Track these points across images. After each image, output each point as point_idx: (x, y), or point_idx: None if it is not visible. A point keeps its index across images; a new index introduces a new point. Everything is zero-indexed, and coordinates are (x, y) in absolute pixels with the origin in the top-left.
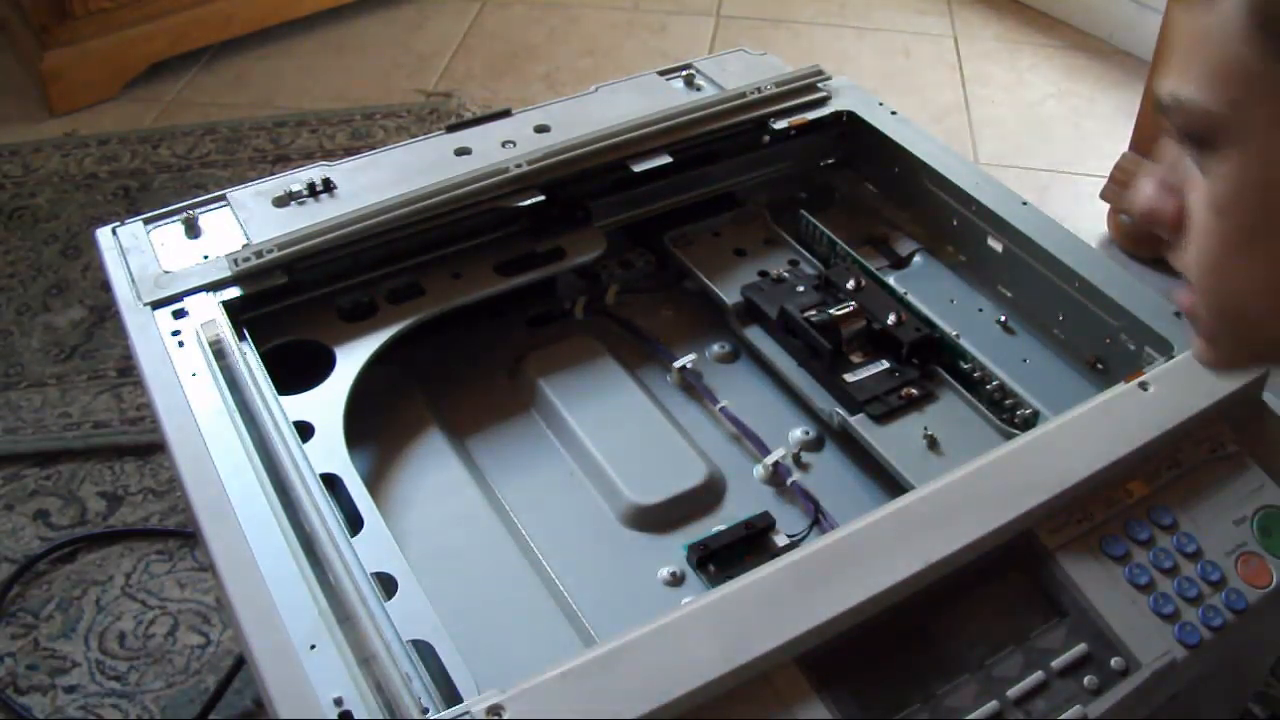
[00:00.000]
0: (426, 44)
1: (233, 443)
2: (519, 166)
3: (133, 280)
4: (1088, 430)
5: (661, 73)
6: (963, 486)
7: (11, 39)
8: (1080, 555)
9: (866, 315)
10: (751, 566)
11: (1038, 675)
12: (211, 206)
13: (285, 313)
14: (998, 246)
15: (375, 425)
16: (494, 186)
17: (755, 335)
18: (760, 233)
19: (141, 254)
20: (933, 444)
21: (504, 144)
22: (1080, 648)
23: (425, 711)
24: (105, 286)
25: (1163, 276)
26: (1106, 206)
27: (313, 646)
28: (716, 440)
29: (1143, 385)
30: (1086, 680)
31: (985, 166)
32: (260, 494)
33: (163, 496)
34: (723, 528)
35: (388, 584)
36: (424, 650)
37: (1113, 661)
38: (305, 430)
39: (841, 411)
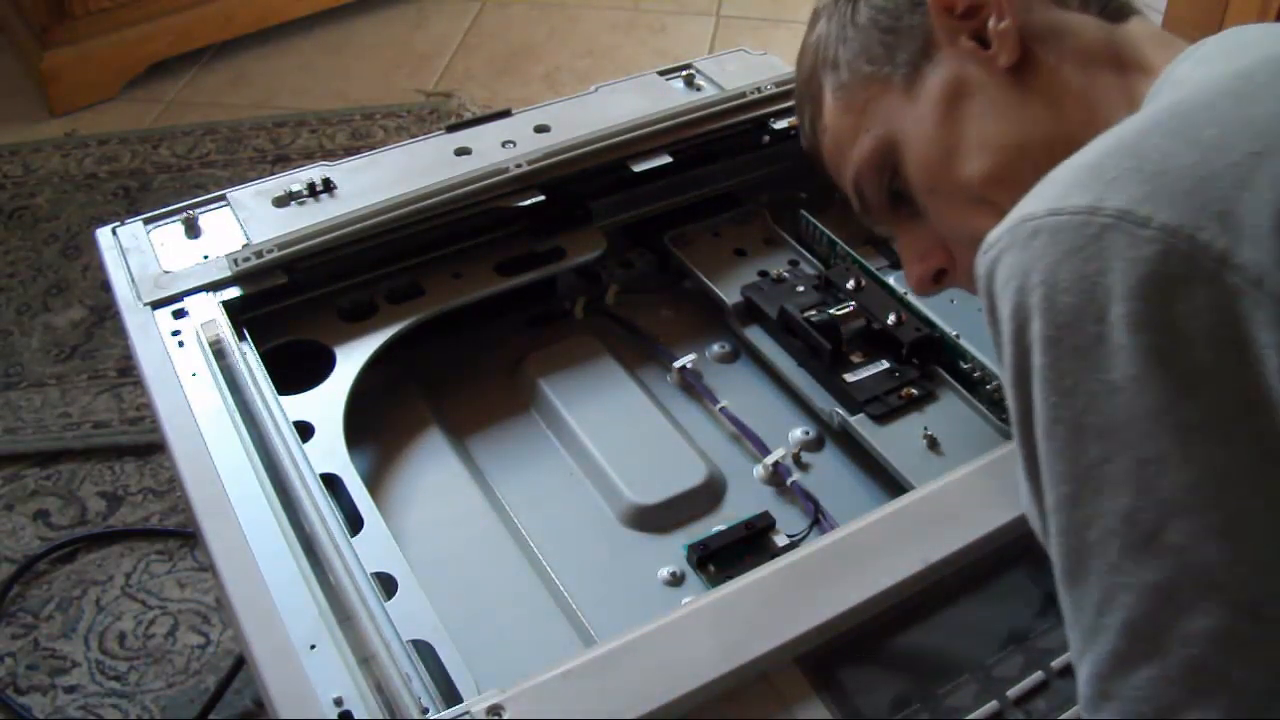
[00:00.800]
0: (426, 44)
1: (233, 443)
2: (519, 166)
3: (133, 280)
4: None
5: (661, 73)
6: (963, 486)
7: (11, 39)
8: None
9: (866, 315)
10: (751, 566)
11: (1038, 675)
12: (211, 206)
13: (285, 313)
14: None
15: (375, 425)
16: (494, 186)
17: (755, 335)
18: (760, 233)
19: (141, 254)
20: (933, 444)
21: (504, 144)
22: None
23: (425, 711)
24: (105, 286)
25: None
26: None
27: (313, 646)
28: (716, 440)
29: None
30: None
31: None
32: (260, 494)
33: (163, 496)
34: (723, 528)
35: (388, 584)
36: (424, 650)
37: None
38: (305, 430)
39: (841, 411)
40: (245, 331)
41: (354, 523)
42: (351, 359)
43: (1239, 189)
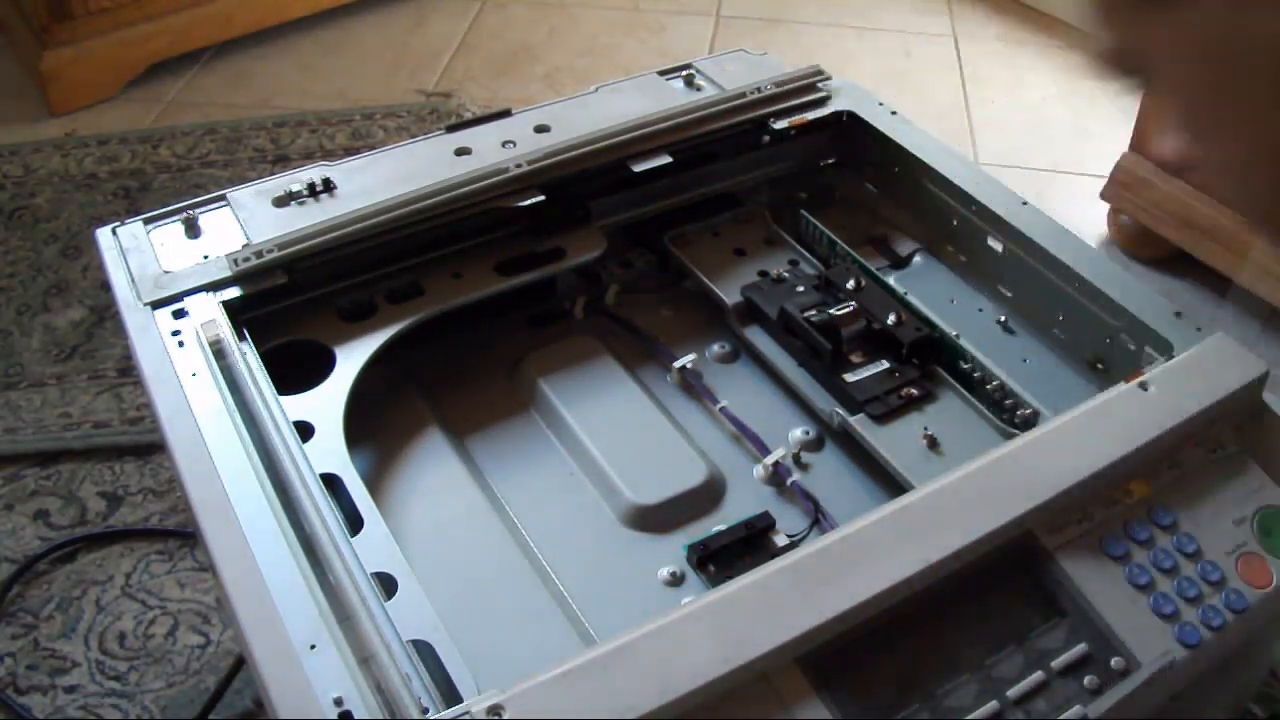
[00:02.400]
0: (426, 44)
1: (233, 443)
2: (519, 166)
3: (133, 280)
4: (1088, 430)
5: (661, 73)
6: (963, 486)
7: (11, 39)
8: (1080, 555)
9: (866, 315)
10: (751, 566)
11: (1038, 675)
12: (211, 206)
13: (285, 313)
14: (998, 246)
15: (375, 425)
16: (494, 186)
17: (755, 335)
18: (760, 233)
19: (141, 254)
20: (933, 444)
21: (504, 144)
22: (1080, 648)
23: (425, 711)
24: (105, 286)
25: (1163, 276)
26: (1106, 206)
27: (313, 646)
28: (716, 440)
29: (1143, 385)
30: (1086, 680)
31: (985, 166)
32: (260, 494)
33: (163, 496)
34: (723, 528)
35: (388, 584)
36: (424, 650)
37: (1113, 661)
38: (305, 430)
39: (841, 411)
40: (245, 331)
41: (354, 523)
42: (351, 359)
43: None
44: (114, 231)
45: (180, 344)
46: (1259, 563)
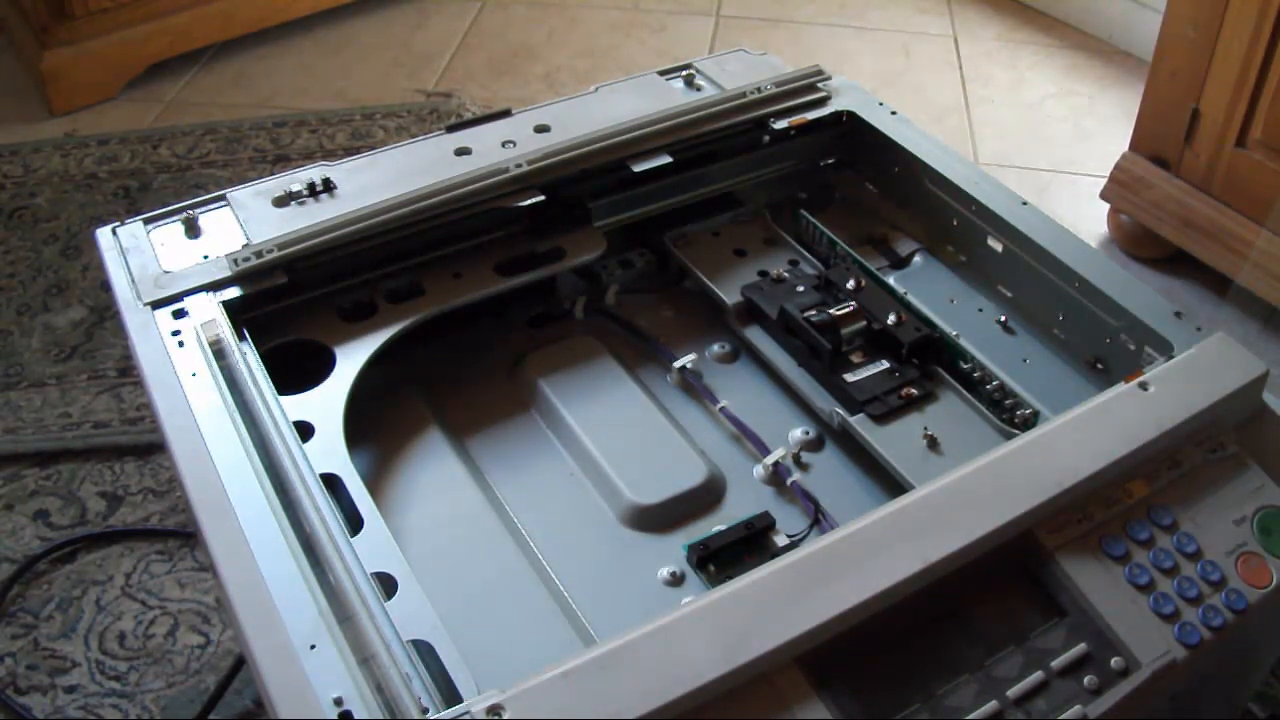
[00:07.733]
0: (426, 44)
1: (233, 443)
2: (519, 166)
3: (133, 280)
4: (1088, 430)
5: (661, 73)
6: (963, 486)
7: (11, 39)
8: (1080, 555)
9: (866, 315)
10: (751, 566)
11: (1038, 675)
12: (211, 206)
13: (285, 313)
14: (998, 246)
15: (375, 425)
16: (494, 186)
17: (755, 335)
18: (760, 233)
19: (141, 254)
20: (933, 444)
21: (504, 144)
22: (1080, 648)
23: (425, 711)
24: (105, 286)
25: (1163, 276)
26: (1106, 206)
27: (313, 646)
28: (716, 440)
29: (1143, 385)
30: (1086, 680)
31: (985, 166)
32: (260, 494)
33: (163, 496)
34: (723, 528)
35: (388, 584)
36: (424, 650)
37: (1113, 661)
38: (305, 430)
39: (841, 411)
40: (245, 331)
41: (354, 523)
42: (351, 359)
43: None
44: (114, 231)
45: (180, 344)
46: (1259, 563)
